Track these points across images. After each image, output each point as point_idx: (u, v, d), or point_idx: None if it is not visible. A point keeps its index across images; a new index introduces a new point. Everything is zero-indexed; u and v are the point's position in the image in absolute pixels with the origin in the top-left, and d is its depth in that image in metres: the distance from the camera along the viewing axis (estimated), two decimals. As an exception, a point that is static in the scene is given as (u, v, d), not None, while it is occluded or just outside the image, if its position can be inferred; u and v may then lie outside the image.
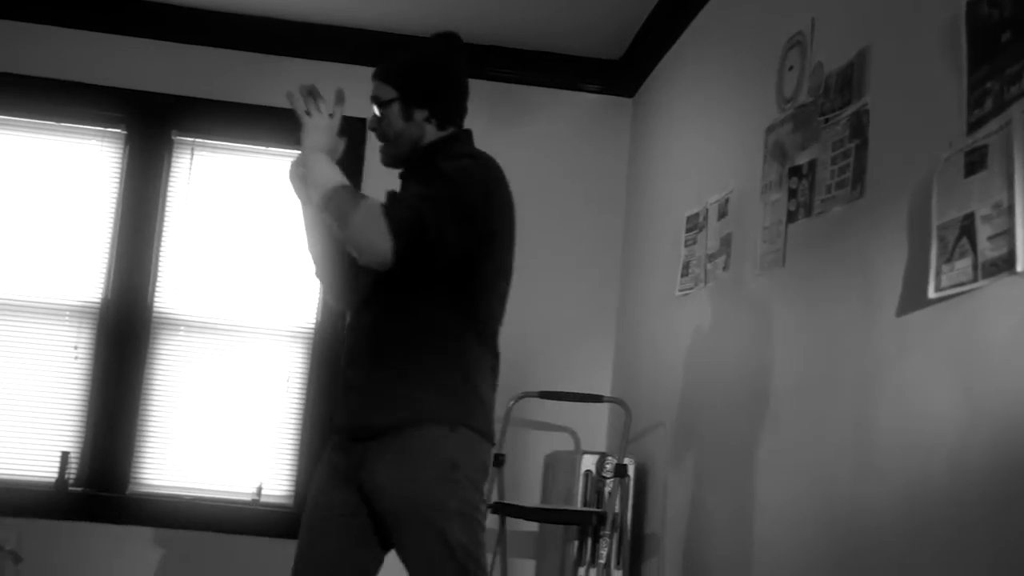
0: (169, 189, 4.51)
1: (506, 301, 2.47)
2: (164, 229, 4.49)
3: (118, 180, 4.47)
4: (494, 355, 2.44)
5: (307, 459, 4.37)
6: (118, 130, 4.50)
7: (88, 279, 4.40)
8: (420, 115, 2.46)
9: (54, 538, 4.20)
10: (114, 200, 4.45)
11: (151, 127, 4.50)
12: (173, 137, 4.53)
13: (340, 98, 2.50)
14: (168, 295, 4.45)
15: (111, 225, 4.44)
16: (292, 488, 4.40)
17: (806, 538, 2.57)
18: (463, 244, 2.28)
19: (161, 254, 4.47)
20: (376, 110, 2.49)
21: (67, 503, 4.24)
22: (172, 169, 4.53)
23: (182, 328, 4.44)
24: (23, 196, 4.43)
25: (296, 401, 4.46)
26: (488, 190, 2.36)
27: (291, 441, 4.44)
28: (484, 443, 2.36)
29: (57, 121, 4.49)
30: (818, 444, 2.55)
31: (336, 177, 2.36)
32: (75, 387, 4.34)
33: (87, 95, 4.47)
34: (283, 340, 4.49)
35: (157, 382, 4.40)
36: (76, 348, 4.36)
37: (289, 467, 4.42)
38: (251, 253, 4.51)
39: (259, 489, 4.37)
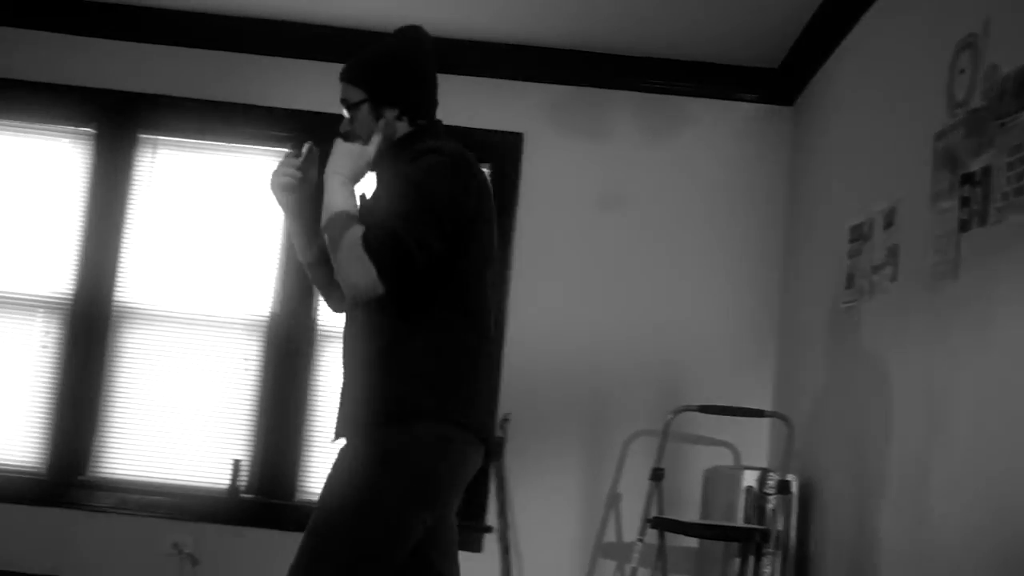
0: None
1: (493, 286, 2.41)
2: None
3: (285, 198, 4.63)
4: (488, 341, 2.37)
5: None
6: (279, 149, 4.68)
7: (258, 295, 4.58)
8: (391, 114, 2.41)
9: (227, 542, 4.38)
10: (281, 218, 4.62)
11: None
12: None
13: (379, 128, 2.43)
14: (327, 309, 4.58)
15: (279, 244, 4.61)
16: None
17: (982, 562, 2.45)
18: (448, 246, 2.23)
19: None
20: (346, 113, 2.45)
21: (239, 509, 4.41)
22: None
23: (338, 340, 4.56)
24: (199, 217, 4.64)
25: (455, 413, 4.53)
26: (459, 180, 2.29)
27: (450, 452, 4.50)
28: (457, 436, 2.25)
29: (225, 141, 4.70)
30: (998, 465, 2.44)
31: (340, 203, 2.28)
32: (246, 397, 4.52)
33: (260, 117, 4.66)
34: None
35: (320, 394, 4.54)
36: (246, 360, 4.53)
37: (448, 478, 4.49)
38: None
39: (420, 499, 4.44)
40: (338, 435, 2.32)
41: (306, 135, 4.56)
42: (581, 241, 4.59)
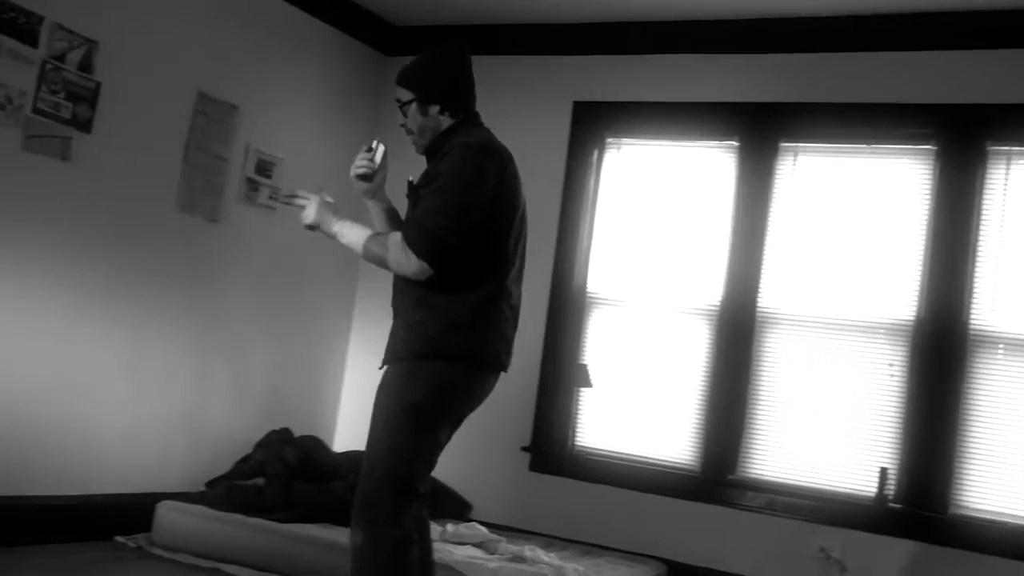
0: (984, 203, 4.34)
1: (517, 247, 2.90)
2: (980, 244, 4.34)
3: (929, 197, 4.43)
4: (506, 293, 2.84)
5: None
6: (928, 146, 4.48)
7: (901, 298, 4.42)
8: (434, 109, 2.91)
9: (874, 551, 4.26)
10: (924, 218, 4.42)
11: (962, 141, 4.39)
12: (988, 149, 4.37)
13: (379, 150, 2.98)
14: (986, 312, 4.28)
15: (923, 242, 4.41)
16: None
17: None
18: (480, 224, 2.74)
19: (976, 270, 4.32)
20: (400, 110, 2.96)
21: (886, 518, 4.28)
22: (986, 182, 4.36)
23: (1001, 346, 4.24)
24: (838, 220, 4.62)
25: None
26: (477, 168, 2.77)
27: None
28: (461, 367, 2.77)
29: (868, 143, 4.61)
30: None
31: (360, 235, 2.87)
32: (891, 404, 4.38)
33: (895, 114, 4.52)
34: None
35: (977, 402, 4.25)
36: (891, 366, 4.40)
37: None
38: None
39: (1094, 524, 3.96)
40: (384, 363, 2.88)
41: (939, 129, 4.39)
42: None
